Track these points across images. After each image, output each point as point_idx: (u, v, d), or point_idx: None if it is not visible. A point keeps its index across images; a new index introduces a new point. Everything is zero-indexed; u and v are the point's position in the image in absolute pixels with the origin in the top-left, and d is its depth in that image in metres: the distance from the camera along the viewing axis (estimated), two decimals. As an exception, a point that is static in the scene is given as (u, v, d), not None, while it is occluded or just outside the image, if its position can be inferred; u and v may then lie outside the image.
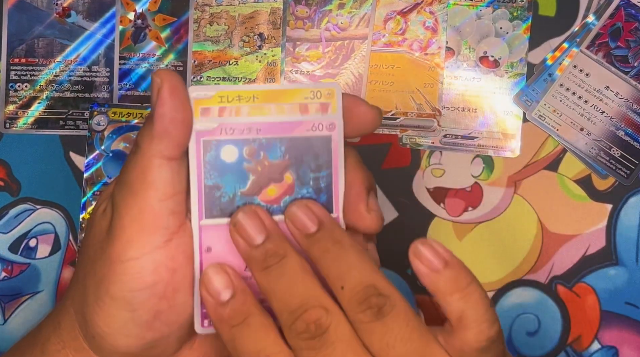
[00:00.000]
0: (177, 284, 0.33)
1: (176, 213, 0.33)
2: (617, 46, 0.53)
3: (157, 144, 0.32)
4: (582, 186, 0.54)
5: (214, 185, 0.32)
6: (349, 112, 0.33)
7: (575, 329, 0.53)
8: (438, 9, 0.54)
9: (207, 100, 0.32)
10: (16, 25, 0.55)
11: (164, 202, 0.32)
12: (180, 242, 0.33)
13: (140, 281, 0.32)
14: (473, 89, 0.54)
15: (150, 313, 0.33)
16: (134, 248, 0.32)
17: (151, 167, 0.32)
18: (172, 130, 0.32)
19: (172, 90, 0.31)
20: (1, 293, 0.54)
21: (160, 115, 0.31)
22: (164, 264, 0.32)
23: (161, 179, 0.32)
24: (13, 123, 0.54)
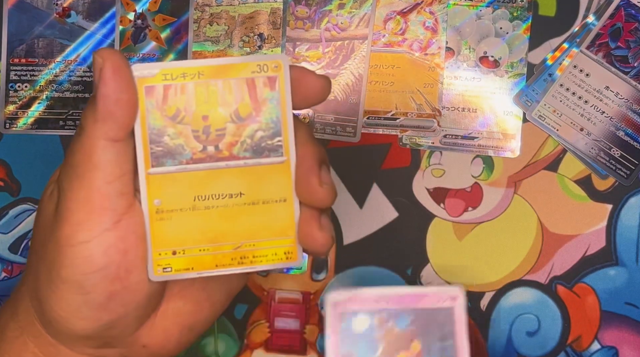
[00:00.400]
0: (129, 265, 0.33)
1: (124, 194, 0.32)
2: (617, 46, 0.53)
3: (101, 126, 0.31)
4: (582, 186, 0.54)
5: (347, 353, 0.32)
6: (297, 83, 0.33)
7: (575, 329, 0.53)
8: (438, 9, 0.54)
9: (151, 78, 0.32)
10: (16, 25, 0.55)
11: (111, 184, 0.32)
12: (130, 222, 0.32)
13: (91, 264, 0.32)
14: (473, 89, 0.54)
15: (104, 295, 0.32)
16: (82, 231, 0.32)
17: (96, 149, 0.31)
18: (117, 112, 0.31)
19: (115, 69, 0.31)
20: (1, 293, 0.54)
21: (103, 95, 0.31)
22: (114, 245, 0.32)
23: (107, 161, 0.31)
24: (13, 123, 0.54)
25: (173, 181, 0.33)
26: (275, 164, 0.33)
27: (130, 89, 0.31)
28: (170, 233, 0.33)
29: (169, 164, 0.33)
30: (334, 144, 0.54)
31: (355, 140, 0.54)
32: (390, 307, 0.32)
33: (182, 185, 0.33)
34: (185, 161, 0.33)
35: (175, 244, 0.33)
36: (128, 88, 0.31)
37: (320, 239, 0.34)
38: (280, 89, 0.33)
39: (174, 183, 0.33)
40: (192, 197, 0.33)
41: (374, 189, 0.54)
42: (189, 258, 0.33)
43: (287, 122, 0.33)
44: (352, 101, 0.54)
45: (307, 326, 0.54)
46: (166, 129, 0.32)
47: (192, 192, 0.33)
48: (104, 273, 0.32)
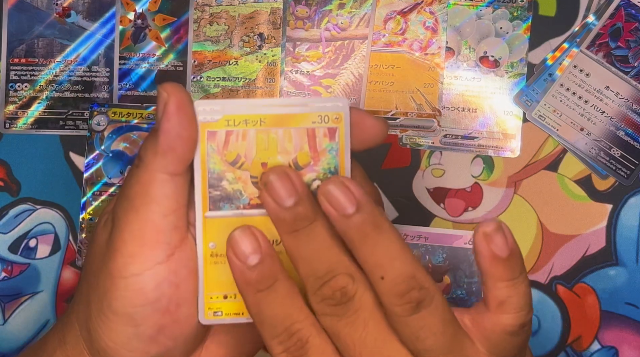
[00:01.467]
0: (180, 299, 0.33)
1: (178, 228, 0.32)
2: (617, 46, 0.53)
3: (161, 159, 0.31)
4: (582, 186, 0.54)
5: None
6: (356, 127, 0.33)
7: (575, 329, 0.54)
8: (438, 9, 0.54)
9: (214, 123, 0.32)
10: (16, 25, 0.55)
11: (167, 217, 0.32)
12: (182, 256, 0.33)
13: (143, 297, 0.32)
14: (473, 89, 0.54)
15: (154, 328, 0.32)
16: (135, 264, 0.32)
17: (154, 182, 0.32)
18: (178, 147, 0.31)
19: (179, 105, 0.31)
20: (1, 293, 0.54)
21: (166, 130, 0.31)
22: (166, 279, 0.32)
23: (164, 195, 0.32)
24: (13, 123, 0.54)
25: (229, 226, 0.32)
26: None
27: (192, 126, 0.31)
28: (222, 277, 0.33)
29: (225, 208, 0.33)
30: (334, 144, 0.54)
31: (355, 140, 0.54)
32: (428, 243, 0.32)
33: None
34: (243, 206, 0.33)
35: (227, 288, 0.33)
36: (190, 125, 0.31)
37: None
38: (339, 139, 0.33)
39: (230, 227, 0.32)
40: None
41: (374, 189, 0.54)
42: (239, 303, 0.33)
43: (345, 168, 0.33)
44: (352, 101, 0.54)
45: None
46: (225, 174, 0.32)
47: None
48: (155, 306, 0.32)
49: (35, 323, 0.54)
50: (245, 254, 0.31)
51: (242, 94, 0.55)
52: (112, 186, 0.53)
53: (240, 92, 0.55)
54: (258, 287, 0.31)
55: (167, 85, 0.31)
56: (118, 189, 0.34)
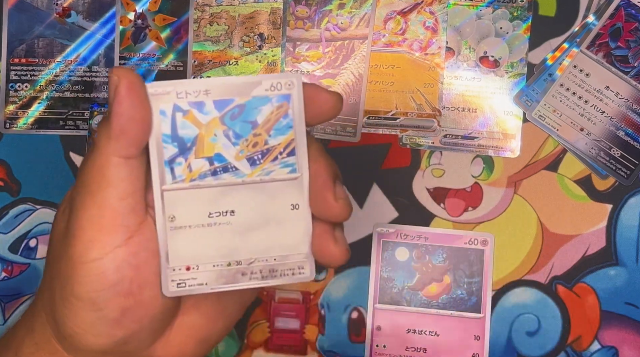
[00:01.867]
0: (142, 280, 0.33)
1: (136, 211, 0.32)
2: (617, 46, 0.53)
3: (114, 143, 0.31)
4: (582, 186, 0.54)
5: (387, 277, 0.33)
6: (310, 101, 0.33)
7: (575, 329, 0.54)
8: (438, 9, 0.54)
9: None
10: (16, 25, 0.55)
11: (124, 200, 0.32)
12: (141, 238, 0.33)
13: (104, 281, 0.32)
14: (473, 89, 0.54)
15: (118, 311, 0.33)
16: (95, 249, 0.32)
17: (109, 166, 0.32)
18: (130, 130, 0.31)
19: (130, 87, 0.31)
20: (1, 293, 0.54)
21: (117, 113, 0.31)
22: (126, 261, 0.32)
23: (119, 178, 0.32)
24: (13, 123, 0.54)
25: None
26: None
27: (144, 108, 0.32)
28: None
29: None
30: (334, 144, 0.54)
31: (355, 140, 0.54)
32: (429, 243, 0.33)
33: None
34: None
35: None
36: (142, 106, 0.31)
37: (336, 253, 0.34)
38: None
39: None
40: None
41: (374, 189, 0.54)
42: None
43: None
44: (352, 101, 0.54)
45: (307, 326, 0.54)
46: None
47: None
48: (117, 289, 0.32)
49: (36, 323, 0.54)
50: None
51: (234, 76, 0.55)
52: (112, 185, 0.53)
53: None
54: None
55: (118, 69, 0.31)
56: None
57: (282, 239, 0.34)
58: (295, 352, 0.54)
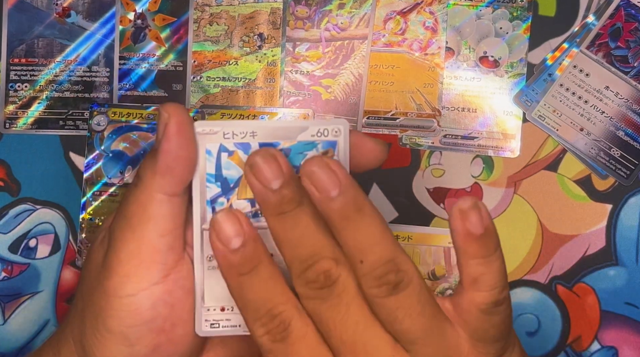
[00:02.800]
0: (175, 319, 0.33)
1: (174, 248, 0.32)
2: (617, 46, 0.53)
3: (159, 179, 0.31)
4: (582, 186, 0.54)
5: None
6: (355, 148, 0.33)
7: (575, 329, 0.54)
8: (438, 9, 0.54)
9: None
10: (16, 25, 0.55)
11: (163, 237, 0.32)
12: (178, 277, 0.33)
13: (138, 317, 0.32)
14: (473, 89, 0.54)
15: (149, 348, 0.32)
16: (131, 284, 0.32)
17: (152, 202, 0.32)
18: (176, 168, 0.31)
19: (180, 126, 0.31)
20: (1, 293, 0.54)
21: (166, 151, 0.31)
22: (161, 299, 0.32)
23: (161, 215, 0.32)
24: (13, 123, 0.54)
25: None
26: None
27: (191, 147, 0.32)
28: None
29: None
30: (334, 144, 0.54)
31: (355, 140, 0.54)
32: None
33: None
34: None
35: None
36: (189, 145, 0.31)
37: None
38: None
39: None
40: None
41: (374, 189, 0.54)
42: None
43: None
44: (352, 101, 0.54)
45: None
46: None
47: None
48: (150, 326, 0.32)
49: (35, 323, 0.54)
50: (228, 237, 0.30)
51: (241, 94, 0.55)
52: (112, 186, 0.53)
53: (240, 92, 0.55)
54: (240, 271, 0.31)
55: (168, 105, 0.31)
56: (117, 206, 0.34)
57: None
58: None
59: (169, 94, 0.55)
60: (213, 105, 0.54)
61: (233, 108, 0.54)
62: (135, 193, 0.32)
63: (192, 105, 0.55)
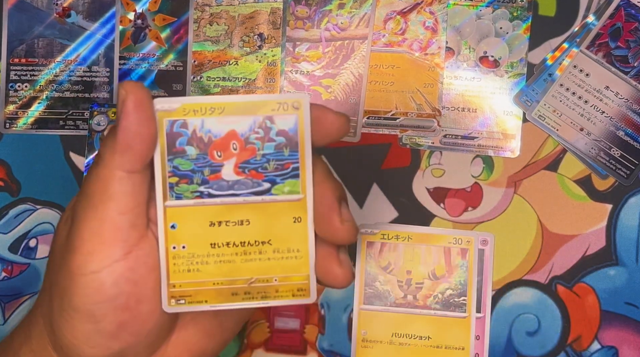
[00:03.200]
0: (139, 295, 0.33)
1: (136, 226, 0.32)
2: (617, 46, 0.53)
3: (119, 157, 0.31)
4: (582, 186, 0.54)
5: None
6: (316, 121, 0.33)
7: (575, 329, 0.53)
8: (438, 9, 0.54)
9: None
10: (16, 25, 0.55)
11: (125, 215, 0.32)
12: (140, 253, 0.33)
13: (102, 294, 0.32)
14: (473, 89, 0.54)
15: (114, 324, 0.33)
16: (94, 261, 0.32)
17: (112, 180, 0.32)
18: (136, 144, 0.31)
19: (138, 103, 0.31)
20: (1, 293, 0.54)
21: (124, 128, 0.31)
22: (124, 276, 0.32)
23: (122, 192, 0.32)
24: (13, 123, 0.54)
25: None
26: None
27: (150, 123, 0.32)
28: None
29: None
30: (334, 144, 0.54)
31: (355, 140, 0.54)
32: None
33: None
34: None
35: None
36: (149, 122, 0.32)
37: (340, 275, 0.34)
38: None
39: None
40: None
41: (374, 189, 0.54)
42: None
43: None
44: (352, 101, 0.54)
45: (307, 326, 0.54)
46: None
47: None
48: (115, 303, 0.32)
49: (35, 323, 0.54)
50: None
51: (242, 94, 0.55)
52: (112, 185, 0.53)
53: (240, 92, 0.55)
54: None
55: (127, 83, 0.31)
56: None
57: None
58: (295, 352, 0.54)
59: (169, 94, 0.55)
60: (213, 105, 0.54)
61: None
62: (96, 171, 0.32)
63: (192, 105, 0.55)
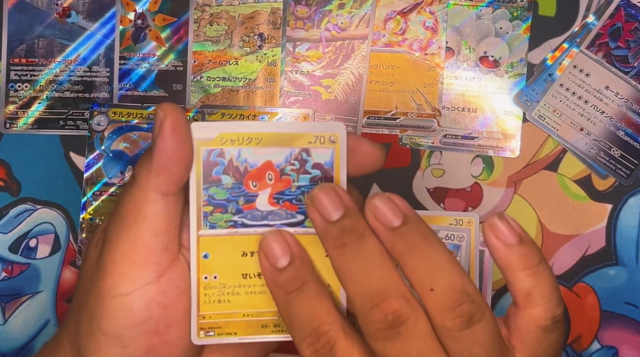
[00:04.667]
0: (169, 320, 0.32)
1: (169, 249, 0.32)
2: (617, 46, 0.53)
3: (154, 178, 0.31)
4: (582, 186, 0.54)
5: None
6: (353, 152, 0.33)
7: (575, 329, 0.54)
8: (438, 9, 0.54)
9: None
10: (16, 25, 0.55)
11: (158, 237, 0.32)
12: (172, 277, 0.32)
13: (132, 318, 0.32)
14: (473, 89, 0.54)
15: (143, 349, 0.32)
16: (125, 284, 0.31)
17: (147, 201, 0.31)
18: (172, 166, 0.31)
19: (175, 125, 0.31)
20: (1, 293, 0.54)
21: (161, 149, 0.31)
22: (155, 300, 0.32)
23: (156, 214, 0.31)
24: (13, 123, 0.54)
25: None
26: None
27: (186, 146, 0.31)
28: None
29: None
30: (334, 144, 0.54)
31: (355, 140, 0.54)
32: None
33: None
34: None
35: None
36: (184, 144, 0.31)
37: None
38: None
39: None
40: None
41: (374, 189, 0.54)
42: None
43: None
44: (352, 101, 0.54)
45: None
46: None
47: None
48: (144, 327, 0.32)
49: (36, 323, 0.54)
50: (276, 257, 0.31)
51: (242, 94, 0.55)
52: (112, 185, 0.54)
53: (241, 92, 0.55)
54: (287, 289, 0.31)
55: (165, 105, 0.31)
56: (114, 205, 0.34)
57: None
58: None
59: (169, 94, 0.55)
60: (213, 105, 0.54)
61: (233, 108, 0.54)
62: (130, 192, 0.32)
63: (192, 105, 0.55)
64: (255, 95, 0.54)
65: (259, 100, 0.54)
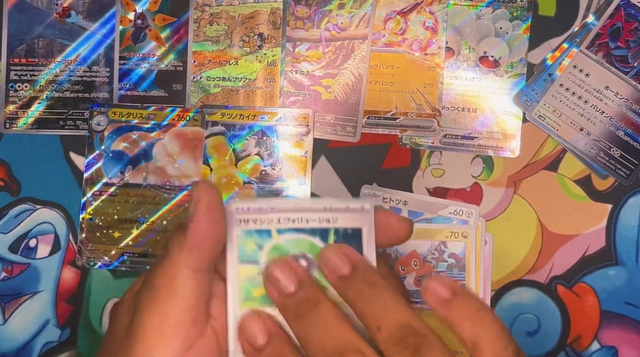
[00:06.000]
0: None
1: (197, 322, 0.33)
2: (617, 46, 0.53)
3: (187, 255, 0.33)
4: (582, 186, 0.54)
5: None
6: (381, 226, 0.34)
7: (575, 329, 0.54)
8: (438, 9, 0.54)
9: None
10: (16, 25, 0.55)
11: (188, 311, 0.33)
12: (200, 349, 0.33)
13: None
14: (473, 89, 0.54)
15: None
16: (155, 354, 0.32)
17: (179, 276, 0.33)
18: (204, 245, 0.33)
19: (210, 206, 0.33)
20: (1, 293, 0.54)
21: (194, 229, 0.32)
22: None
23: (187, 289, 0.33)
24: (13, 123, 0.54)
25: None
26: None
27: (220, 225, 0.33)
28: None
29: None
30: (334, 143, 0.54)
31: (355, 140, 0.54)
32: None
33: None
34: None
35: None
36: (218, 224, 0.33)
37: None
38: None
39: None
40: None
41: (374, 188, 0.54)
42: None
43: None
44: (352, 101, 0.54)
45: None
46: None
47: None
48: None
49: (35, 323, 0.54)
50: (254, 335, 0.33)
51: (242, 94, 0.55)
52: (112, 185, 0.53)
53: (240, 92, 0.55)
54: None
55: (201, 185, 0.33)
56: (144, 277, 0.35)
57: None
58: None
59: (169, 94, 0.55)
60: (213, 105, 0.54)
61: (233, 108, 0.54)
62: (163, 265, 0.33)
63: (192, 105, 0.55)
64: (255, 95, 0.54)
65: (258, 100, 0.54)
